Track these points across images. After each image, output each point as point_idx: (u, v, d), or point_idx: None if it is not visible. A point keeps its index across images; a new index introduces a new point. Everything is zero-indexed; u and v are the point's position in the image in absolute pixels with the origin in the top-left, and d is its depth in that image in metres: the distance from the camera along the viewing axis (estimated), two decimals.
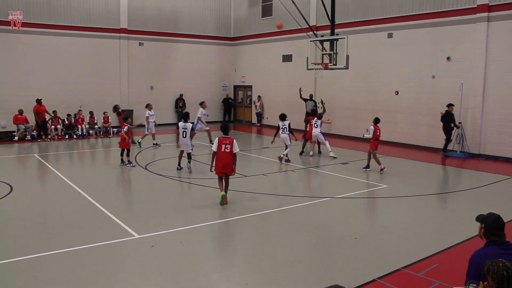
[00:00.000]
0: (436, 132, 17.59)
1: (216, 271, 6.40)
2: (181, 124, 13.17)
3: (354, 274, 6.22)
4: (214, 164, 9.53)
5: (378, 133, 13.50)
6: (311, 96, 22.11)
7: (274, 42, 25.45)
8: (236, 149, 9.47)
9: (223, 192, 9.49)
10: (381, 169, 13.22)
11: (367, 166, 13.63)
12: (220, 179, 9.68)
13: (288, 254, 6.95)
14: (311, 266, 6.66)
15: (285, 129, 14.84)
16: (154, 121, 17.95)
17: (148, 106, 17.94)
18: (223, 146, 9.41)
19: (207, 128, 18.32)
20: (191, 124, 13.30)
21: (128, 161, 13.79)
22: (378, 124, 13.68)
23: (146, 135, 17.80)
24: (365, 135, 13.98)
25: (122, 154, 13.79)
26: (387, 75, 19.35)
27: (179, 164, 13.38)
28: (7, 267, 6.30)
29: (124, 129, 13.60)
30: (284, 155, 14.68)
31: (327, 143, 15.83)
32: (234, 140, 9.50)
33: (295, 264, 6.58)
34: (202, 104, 18.78)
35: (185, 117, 13.26)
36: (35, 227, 8.22)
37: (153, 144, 17.77)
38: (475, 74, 16.20)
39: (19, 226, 8.21)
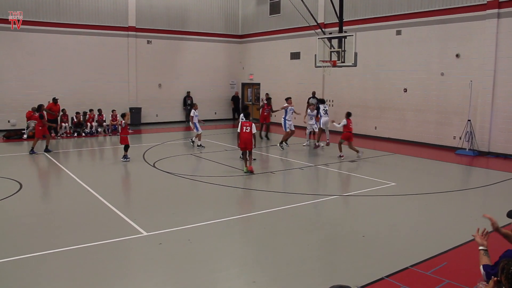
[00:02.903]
0: (445, 129, 17.49)
1: (224, 269, 6.41)
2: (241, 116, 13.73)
3: (361, 272, 6.20)
4: (238, 141, 12.64)
5: (350, 126, 14.75)
6: (313, 93, 22.05)
7: (282, 39, 25.40)
8: (254, 130, 12.38)
9: (245, 168, 12.41)
10: (340, 156, 14.80)
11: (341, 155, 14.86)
12: (243, 153, 12.82)
13: (296, 252, 6.95)
14: (319, 264, 6.65)
15: (326, 111, 15.09)
16: (198, 120, 16.79)
17: (194, 106, 16.99)
18: (244, 127, 12.41)
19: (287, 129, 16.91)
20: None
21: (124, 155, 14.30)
22: (350, 118, 14.88)
23: (198, 134, 16.78)
24: (334, 123, 15.03)
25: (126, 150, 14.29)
26: (396, 73, 19.23)
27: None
28: (16, 264, 6.36)
29: (122, 125, 14.26)
30: (327, 139, 15.60)
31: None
32: (253, 124, 12.44)
33: (303, 262, 6.57)
34: (288, 100, 17.32)
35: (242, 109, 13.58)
36: (43, 224, 8.30)
37: (198, 145, 16.79)
38: (484, 71, 16.05)
39: (28, 224, 8.28)
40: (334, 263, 6.73)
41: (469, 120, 16.17)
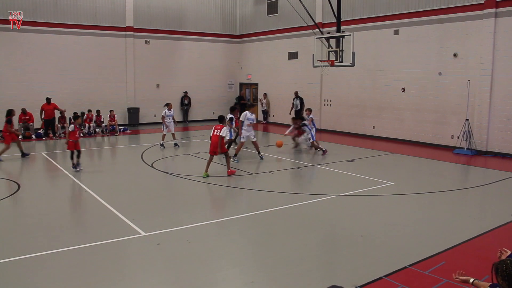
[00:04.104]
0: (443, 129, 17.52)
1: (222, 269, 6.41)
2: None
3: (360, 272, 6.21)
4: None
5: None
6: (296, 93, 21.97)
7: (280, 39, 25.40)
8: (223, 133, 11.74)
9: (205, 173, 11.86)
10: (323, 151, 15.83)
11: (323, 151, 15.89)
12: (210, 157, 12.10)
13: (294, 252, 6.95)
14: (317, 264, 6.65)
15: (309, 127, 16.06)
16: (173, 121, 17.12)
17: (168, 106, 17.23)
18: (215, 131, 11.90)
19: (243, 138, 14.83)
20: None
21: (73, 164, 12.84)
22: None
23: (165, 135, 17.13)
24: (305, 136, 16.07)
25: (72, 157, 12.88)
26: (394, 72, 19.26)
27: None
28: (14, 264, 6.35)
29: (70, 128, 13.02)
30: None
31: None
32: (225, 128, 11.91)
33: (301, 262, 6.57)
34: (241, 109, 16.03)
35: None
36: (42, 225, 8.28)
37: (161, 144, 17.20)
38: (482, 70, 16.08)
39: (26, 224, 8.27)
40: (332, 263, 6.73)
41: (467, 120, 16.20)
